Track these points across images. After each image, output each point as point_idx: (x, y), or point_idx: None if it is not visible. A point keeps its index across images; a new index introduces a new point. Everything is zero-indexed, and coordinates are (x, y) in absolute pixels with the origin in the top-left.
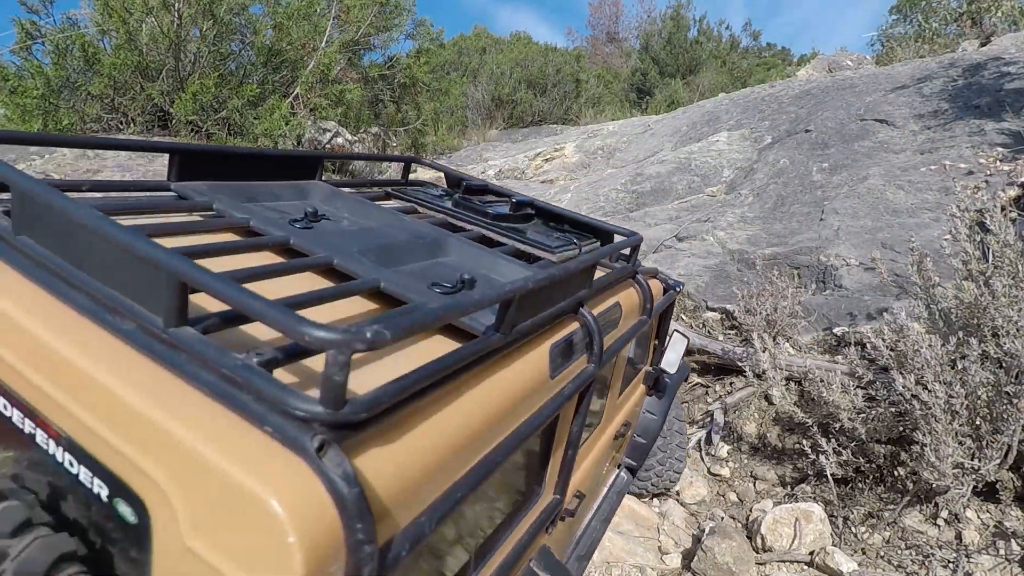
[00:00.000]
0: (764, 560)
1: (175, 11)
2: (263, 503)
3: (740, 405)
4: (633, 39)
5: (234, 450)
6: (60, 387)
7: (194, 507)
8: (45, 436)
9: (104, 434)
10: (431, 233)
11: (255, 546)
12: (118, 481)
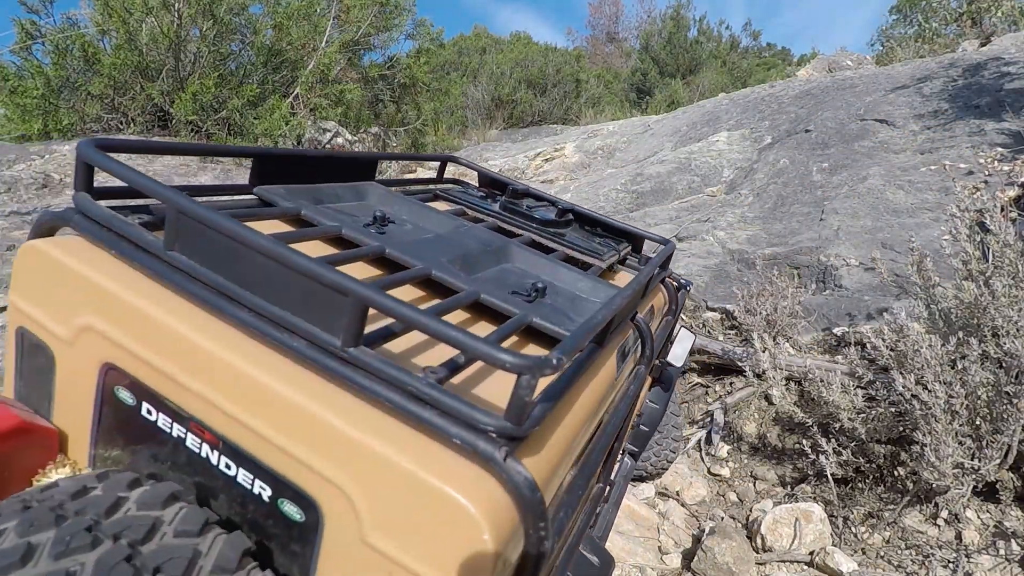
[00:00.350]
0: (764, 560)
1: (175, 11)
2: (460, 506)
3: (740, 405)
4: (633, 39)
5: (426, 459)
6: (222, 395)
7: (379, 508)
8: (198, 441)
9: (275, 440)
10: (494, 239)
11: (447, 544)
12: (286, 483)
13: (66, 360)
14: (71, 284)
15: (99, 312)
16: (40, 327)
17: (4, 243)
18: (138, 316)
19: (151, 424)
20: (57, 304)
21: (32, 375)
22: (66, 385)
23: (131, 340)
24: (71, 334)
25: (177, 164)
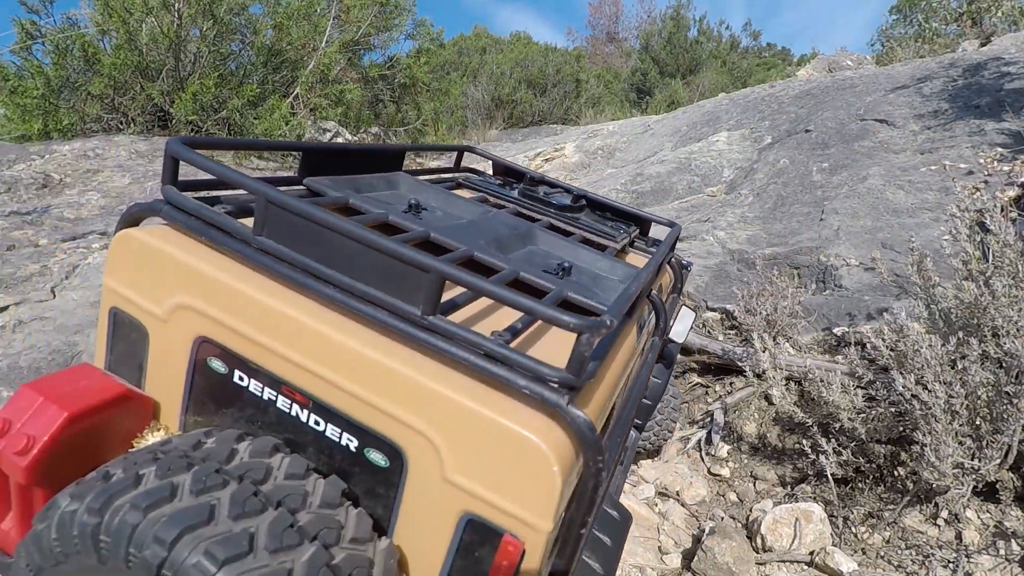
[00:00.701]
0: (764, 560)
1: (175, 11)
2: (533, 444)
3: (740, 405)
4: (633, 39)
5: (501, 407)
6: (314, 360)
7: (460, 451)
8: (289, 402)
9: (364, 397)
10: (519, 224)
11: (521, 477)
12: (373, 434)
13: (160, 336)
14: (166, 267)
15: (194, 292)
16: (134, 307)
17: (4, 243)
18: (233, 294)
19: (242, 389)
20: (152, 286)
21: (123, 350)
22: (159, 358)
23: (225, 315)
24: (166, 312)
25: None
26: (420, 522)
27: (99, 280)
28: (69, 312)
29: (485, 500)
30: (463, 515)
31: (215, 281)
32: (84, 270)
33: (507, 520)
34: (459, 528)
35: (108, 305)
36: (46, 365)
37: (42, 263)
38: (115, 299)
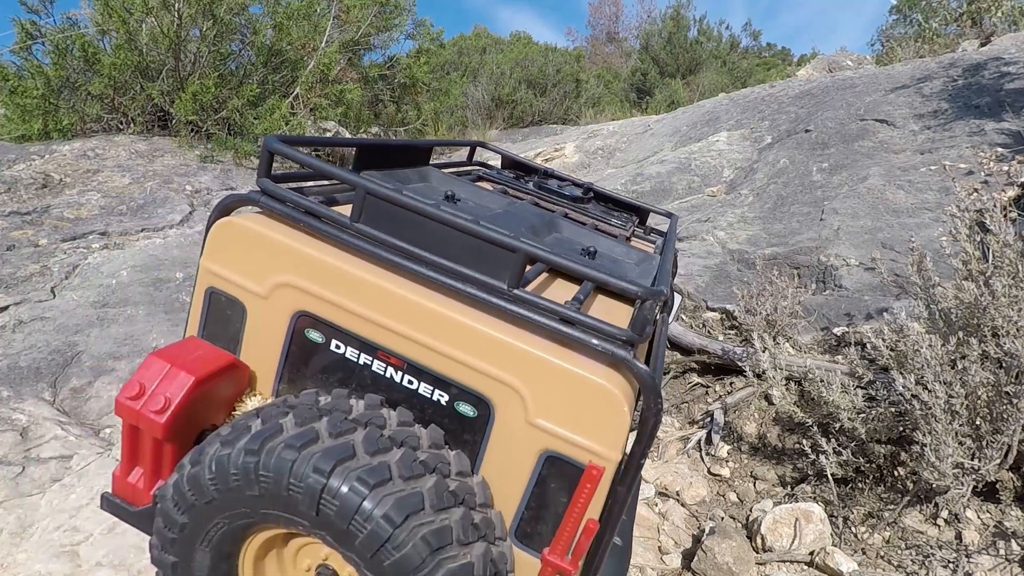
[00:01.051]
0: (764, 560)
1: (175, 11)
2: (606, 390)
3: (740, 405)
4: (633, 39)
5: (578, 361)
6: (412, 328)
7: (543, 398)
8: (384, 365)
9: (457, 357)
10: (543, 214)
11: (597, 418)
12: (463, 389)
13: (259, 311)
14: (269, 250)
15: (296, 271)
16: (233, 286)
17: (4, 243)
18: (335, 272)
19: (339, 356)
20: (253, 267)
21: (218, 325)
22: (256, 331)
23: (327, 291)
24: (267, 290)
25: (177, 164)
26: (503, 461)
27: (99, 280)
28: (69, 312)
29: (564, 438)
30: (543, 452)
31: (318, 261)
32: (84, 270)
33: (583, 454)
34: (538, 464)
35: (205, 285)
36: (46, 365)
37: (42, 263)
38: (212, 280)
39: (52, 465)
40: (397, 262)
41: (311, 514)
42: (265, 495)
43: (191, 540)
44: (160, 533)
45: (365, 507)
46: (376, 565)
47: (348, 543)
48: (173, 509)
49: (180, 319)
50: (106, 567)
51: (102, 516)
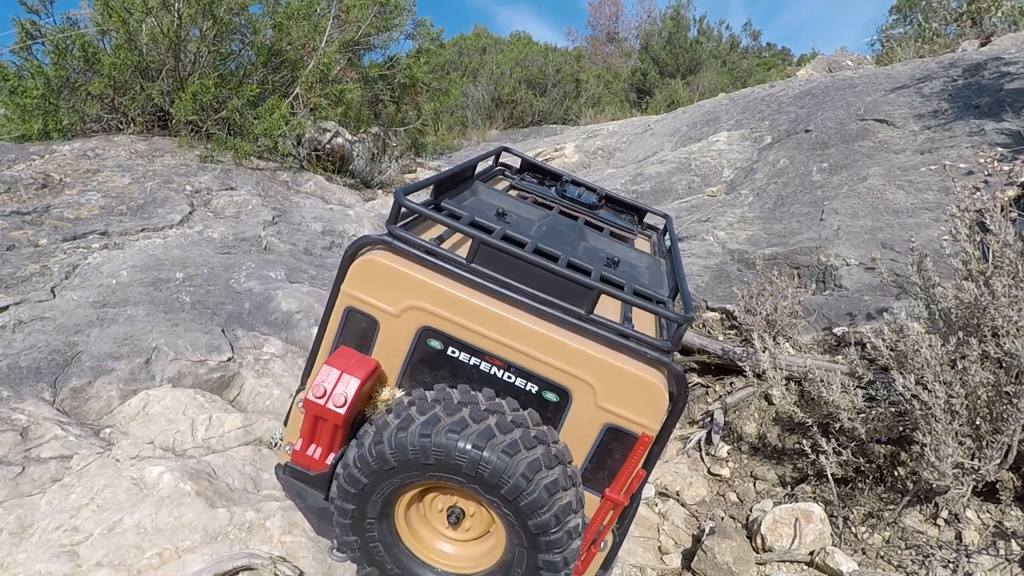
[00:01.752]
0: (764, 560)
1: (175, 11)
2: (658, 387)
3: (740, 405)
4: (633, 39)
5: (634, 364)
6: (512, 340)
7: (609, 390)
8: (489, 366)
9: (546, 361)
10: (573, 225)
11: (646, 404)
12: (549, 382)
13: (390, 326)
14: (401, 281)
15: (423, 297)
16: (369, 306)
17: (4, 243)
18: (456, 300)
19: (453, 359)
20: (387, 293)
21: (352, 336)
22: (386, 341)
23: (448, 313)
24: (398, 311)
25: (177, 164)
26: (575, 431)
27: (99, 280)
28: (69, 312)
29: (622, 416)
30: (604, 425)
31: (442, 291)
32: (84, 270)
33: (637, 427)
34: (601, 432)
35: (344, 306)
36: (46, 365)
37: (42, 263)
38: (351, 301)
39: (52, 465)
40: (503, 293)
41: (470, 475)
42: (436, 463)
43: (368, 494)
44: (343, 490)
45: (509, 470)
46: (515, 506)
47: (496, 493)
48: (357, 473)
49: (180, 319)
50: (106, 567)
51: (102, 516)
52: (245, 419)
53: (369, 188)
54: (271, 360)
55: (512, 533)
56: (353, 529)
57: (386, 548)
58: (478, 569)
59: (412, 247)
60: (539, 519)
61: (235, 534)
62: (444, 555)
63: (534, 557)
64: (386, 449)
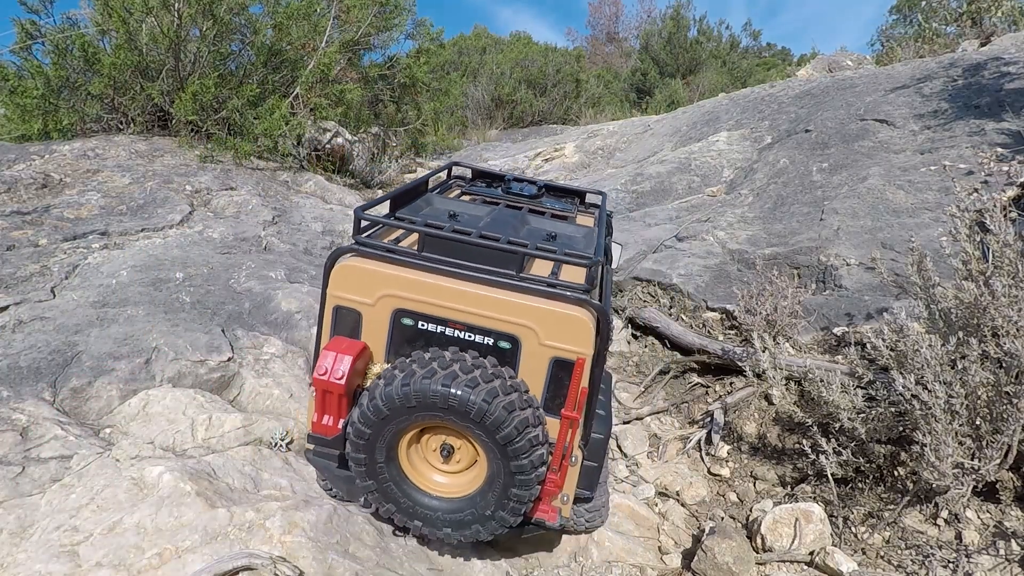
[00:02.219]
0: (764, 560)
1: (175, 11)
2: (583, 320)
3: (740, 405)
4: (633, 39)
5: (563, 306)
6: (467, 306)
7: (547, 330)
8: (452, 330)
9: (496, 317)
10: (515, 214)
11: (577, 336)
12: (501, 334)
13: (370, 314)
14: (374, 278)
15: (391, 287)
16: (352, 302)
17: (4, 243)
18: (416, 283)
19: (423, 330)
20: (364, 289)
21: (343, 326)
22: (369, 326)
23: (412, 294)
24: (374, 300)
25: (177, 164)
26: (530, 368)
27: (99, 280)
28: (69, 312)
29: (561, 348)
30: (551, 358)
31: (405, 279)
32: (84, 270)
33: (573, 354)
34: (550, 365)
35: (332, 305)
36: (46, 365)
37: (42, 263)
38: (337, 300)
39: (52, 465)
40: (451, 271)
41: (444, 408)
42: (417, 405)
43: (373, 442)
44: (354, 443)
45: (472, 399)
46: (483, 426)
47: (466, 419)
48: (361, 427)
49: (180, 319)
50: (106, 567)
51: (102, 516)
52: (245, 419)
53: (369, 188)
54: (271, 360)
55: (488, 450)
56: (368, 475)
57: (396, 486)
58: (471, 490)
59: (375, 249)
60: (503, 432)
61: (235, 534)
62: (443, 485)
63: (507, 465)
64: (378, 402)
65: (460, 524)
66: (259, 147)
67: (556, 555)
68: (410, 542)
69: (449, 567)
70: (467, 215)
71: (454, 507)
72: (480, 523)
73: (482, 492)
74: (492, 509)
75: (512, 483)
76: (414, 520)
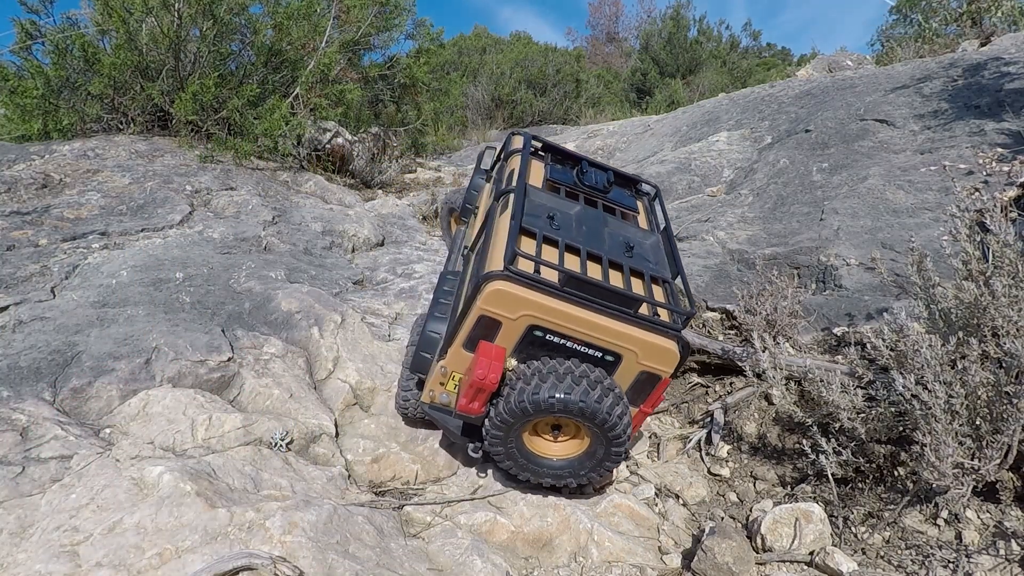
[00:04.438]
0: (764, 560)
1: (175, 11)
2: (673, 351)
3: (740, 405)
4: (633, 39)
5: (661, 338)
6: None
7: (644, 354)
8: (574, 342)
9: (607, 338)
10: (597, 215)
11: (665, 361)
12: (608, 351)
13: (509, 325)
14: (518, 299)
15: (531, 309)
16: (496, 314)
17: (4, 243)
18: (554, 310)
19: (549, 341)
20: (509, 307)
21: (480, 331)
22: (506, 333)
23: (548, 316)
24: (515, 316)
25: (177, 164)
26: (623, 378)
27: (99, 280)
28: (69, 312)
29: (652, 367)
30: (640, 371)
31: (546, 306)
32: (84, 270)
33: (662, 373)
34: (638, 377)
35: (478, 315)
36: (46, 365)
37: (42, 263)
38: (485, 311)
39: (52, 465)
40: (584, 303)
41: (572, 412)
42: (546, 408)
43: (509, 429)
44: (495, 426)
45: (592, 404)
46: (600, 424)
47: (589, 420)
48: (505, 416)
49: (180, 319)
50: (106, 567)
51: (102, 516)
52: (245, 419)
53: (369, 188)
54: (271, 360)
55: (595, 438)
56: (500, 445)
57: (517, 451)
58: (571, 455)
59: (523, 278)
60: (615, 432)
61: (235, 534)
62: (551, 451)
63: (608, 447)
64: (524, 402)
65: (558, 477)
66: (259, 147)
67: (556, 555)
68: (410, 542)
69: (449, 567)
70: (560, 214)
71: (557, 466)
72: (574, 477)
73: (583, 456)
74: (587, 470)
75: (608, 455)
76: (524, 472)
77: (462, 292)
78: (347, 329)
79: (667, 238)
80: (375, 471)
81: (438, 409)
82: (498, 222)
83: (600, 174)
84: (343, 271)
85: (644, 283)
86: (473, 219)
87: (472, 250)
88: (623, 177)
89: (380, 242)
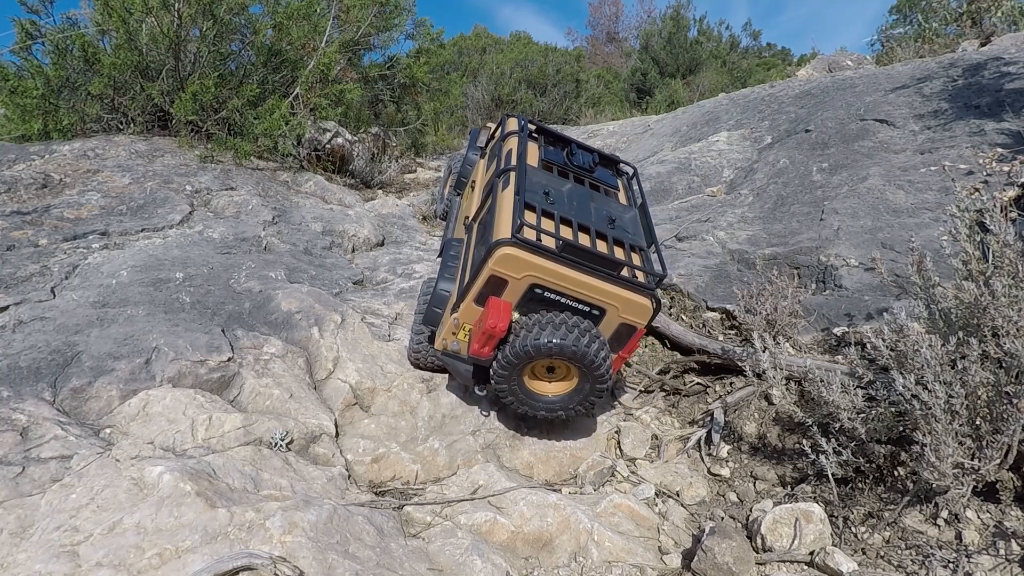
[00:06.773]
0: (764, 560)
1: (175, 11)
2: (648, 306)
3: (740, 405)
4: (633, 39)
5: (638, 294)
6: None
7: (624, 308)
8: (566, 300)
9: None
10: (585, 192)
11: (642, 313)
12: (594, 305)
13: (514, 283)
14: (523, 261)
15: (534, 270)
16: (503, 274)
17: (4, 243)
18: (554, 272)
19: (547, 297)
20: (515, 267)
21: (491, 289)
22: (511, 289)
23: (547, 276)
24: (520, 276)
25: (177, 164)
26: (606, 327)
27: (99, 280)
28: (69, 312)
29: (630, 319)
30: (620, 323)
31: (547, 267)
32: (84, 270)
33: (637, 324)
34: (618, 327)
35: (488, 275)
36: (46, 365)
37: (42, 263)
38: (495, 272)
39: (52, 465)
40: (576, 265)
41: (565, 355)
42: (546, 352)
43: (513, 369)
44: (501, 366)
45: (582, 348)
46: (588, 365)
47: (577, 361)
48: (511, 358)
49: (180, 319)
50: (106, 567)
51: (102, 516)
52: (245, 419)
53: (369, 188)
54: (271, 360)
55: (583, 376)
56: (504, 383)
57: (519, 388)
58: (565, 391)
59: (528, 243)
60: (600, 371)
61: (235, 534)
62: (547, 388)
63: (593, 384)
64: (527, 346)
65: (551, 410)
66: (259, 147)
67: (556, 555)
68: (411, 542)
69: (449, 567)
70: (554, 191)
71: (552, 400)
72: (563, 410)
73: (572, 393)
74: (576, 403)
75: (593, 390)
76: (524, 407)
77: (468, 256)
78: (347, 329)
79: (644, 213)
80: (375, 471)
81: (450, 355)
82: (502, 196)
83: (587, 155)
84: (343, 271)
85: (625, 250)
86: (469, 191)
87: (475, 220)
88: (606, 158)
89: (380, 242)
